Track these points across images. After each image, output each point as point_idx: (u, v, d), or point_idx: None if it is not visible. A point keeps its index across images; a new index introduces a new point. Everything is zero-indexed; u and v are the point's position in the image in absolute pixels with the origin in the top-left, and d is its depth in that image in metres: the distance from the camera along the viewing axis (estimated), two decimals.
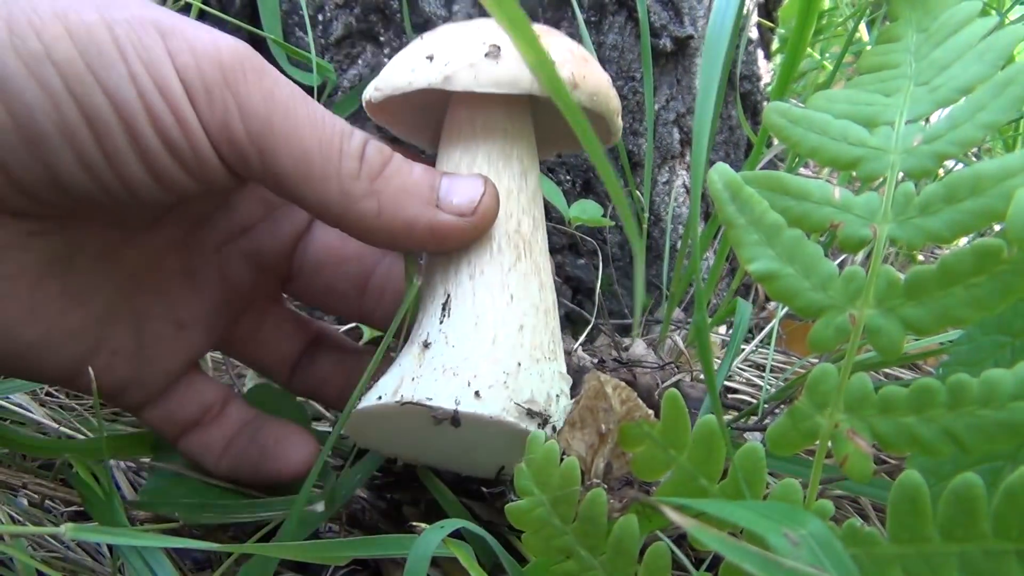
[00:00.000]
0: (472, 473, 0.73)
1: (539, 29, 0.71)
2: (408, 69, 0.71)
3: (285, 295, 0.87)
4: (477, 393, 0.61)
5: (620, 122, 0.78)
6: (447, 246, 0.69)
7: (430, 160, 0.76)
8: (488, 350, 0.64)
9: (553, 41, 0.72)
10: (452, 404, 0.60)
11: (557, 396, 0.64)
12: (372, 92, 0.74)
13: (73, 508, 0.81)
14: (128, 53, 0.56)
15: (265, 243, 0.81)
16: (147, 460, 0.84)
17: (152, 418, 0.75)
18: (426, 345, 0.66)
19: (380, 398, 0.63)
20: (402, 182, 0.66)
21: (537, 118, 0.78)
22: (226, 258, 0.78)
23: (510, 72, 0.68)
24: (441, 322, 0.67)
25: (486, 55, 0.68)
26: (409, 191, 0.66)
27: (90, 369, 0.64)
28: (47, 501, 0.80)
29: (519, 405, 0.61)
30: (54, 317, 0.65)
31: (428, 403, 0.60)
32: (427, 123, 0.81)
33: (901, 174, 0.53)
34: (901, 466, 0.86)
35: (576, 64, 0.71)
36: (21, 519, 0.76)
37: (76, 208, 0.62)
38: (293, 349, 0.83)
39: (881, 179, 0.53)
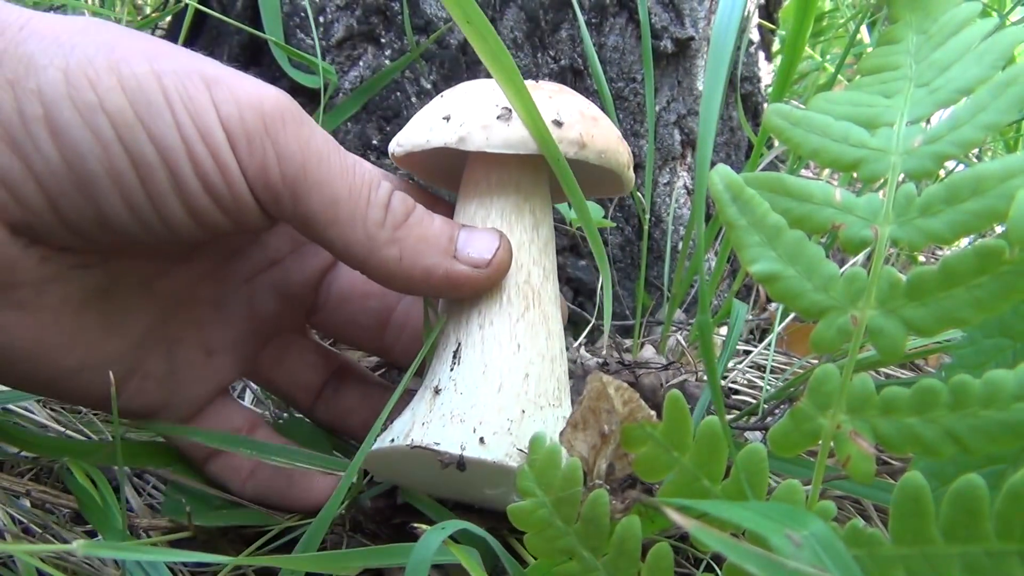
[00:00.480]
0: (484, 506, 0.75)
1: (553, 88, 0.77)
2: (426, 128, 0.75)
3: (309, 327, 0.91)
4: (482, 439, 0.64)
5: (632, 174, 0.82)
6: (461, 294, 0.73)
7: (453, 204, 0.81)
8: (494, 398, 0.68)
9: (565, 100, 0.76)
10: (458, 449, 0.63)
11: None
12: (395, 147, 0.78)
13: (74, 508, 0.80)
14: (175, 103, 0.59)
15: (293, 276, 0.84)
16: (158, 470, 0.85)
17: (181, 441, 0.78)
18: (437, 391, 0.69)
19: (393, 440, 0.66)
20: (423, 232, 0.70)
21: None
22: (255, 289, 0.82)
23: (520, 134, 0.72)
24: (452, 369, 0.71)
25: (498, 117, 0.72)
26: (429, 241, 0.70)
27: (112, 386, 0.66)
28: (48, 504, 0.80)
29: (522, 451, 0.63)
30: (92, 344, 0.68)
31: (435, 448, 0.63)
32: (449, 170, 0.85)
33: (902, 175, 0.53)
34: (901, 467, 0.86)
35: (585, 124, 0.74)
36: (23, 520, 0.76)
37: (118, 244, 0.65)
38: (316, 379, 0.86)
39: (882, 180, 0.53)
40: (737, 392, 1.13)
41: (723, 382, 1.12)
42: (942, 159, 0.52)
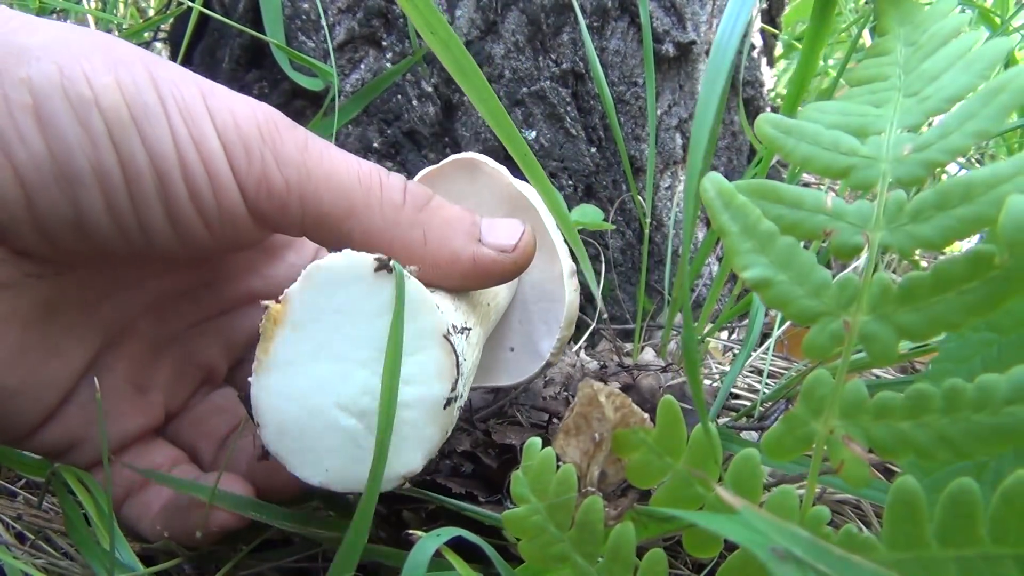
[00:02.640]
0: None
1: None
2: None
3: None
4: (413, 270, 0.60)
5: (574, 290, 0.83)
6: (487, 281, 0.70)
7: None
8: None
9: None
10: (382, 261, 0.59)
11: (460, 345, 0.62)
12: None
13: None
14: (171, 108, 0.58)
15: (243, 327, 0.80)
16: None
17: (101, 480, 0.71)
18: None
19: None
20: (446, 215, 0.67)
21: None
22: (200, 334, 0.78)
23: None
24: None
25: None
26: (453, 225, 0.67)
27: (101, 411, 0.63)
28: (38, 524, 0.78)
29: (449, 327, 0.60)
30: (35, 364, 0.64)
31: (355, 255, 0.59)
32: None
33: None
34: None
35: None
36: (16, 526, 0.75)
37: (85, 251, 0.62)
38: (223, 428, 0.78)
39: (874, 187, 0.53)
40: (737, 396, 1.13)
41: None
42: (932, 166, 0.52)
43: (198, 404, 0.79)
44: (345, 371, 0.59)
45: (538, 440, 0.55)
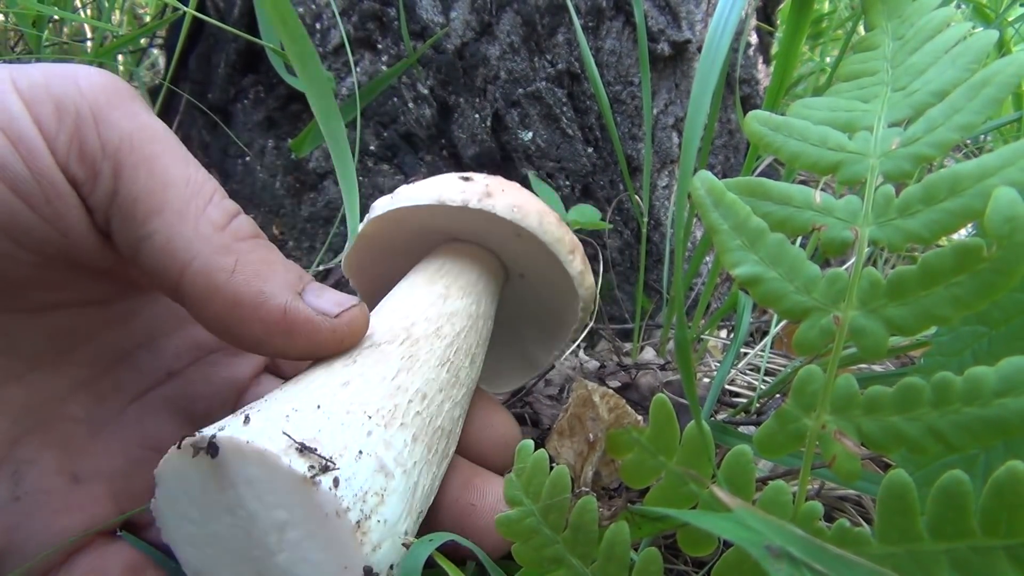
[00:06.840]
0: None
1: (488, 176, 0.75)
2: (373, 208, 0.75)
3: None
4: (247, 419, 0.52)
5: (579, 265, 0.74)
6: (292, 345, 0.58)
7: None
8: (292, 393, 0.56)
9: (489, 176, 0.75)
10: (214, 431, 0.51)
11: (360, 453, 0.53)
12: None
13: None
14: None
15: (197, 391, 0.69)
16: None
17: None
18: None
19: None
20: (269, 257, 0.58)
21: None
22: (147, 407, 0.66)
23: (416, 191, 0.71)
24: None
25: (406, 183, 0.74)
26: (274, 268, 0.57)
27: None
28: None
29: (290, 439, 0.50)
30: None
31: (198, 434, 0.51)
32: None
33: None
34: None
35: (499, 183, 0.72)
36: None
37: None
38: None
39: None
40: (736, 395, 1.13)
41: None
42: (919, 161, 0.52)
43: None
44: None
45: (530, 442, 0.55)
